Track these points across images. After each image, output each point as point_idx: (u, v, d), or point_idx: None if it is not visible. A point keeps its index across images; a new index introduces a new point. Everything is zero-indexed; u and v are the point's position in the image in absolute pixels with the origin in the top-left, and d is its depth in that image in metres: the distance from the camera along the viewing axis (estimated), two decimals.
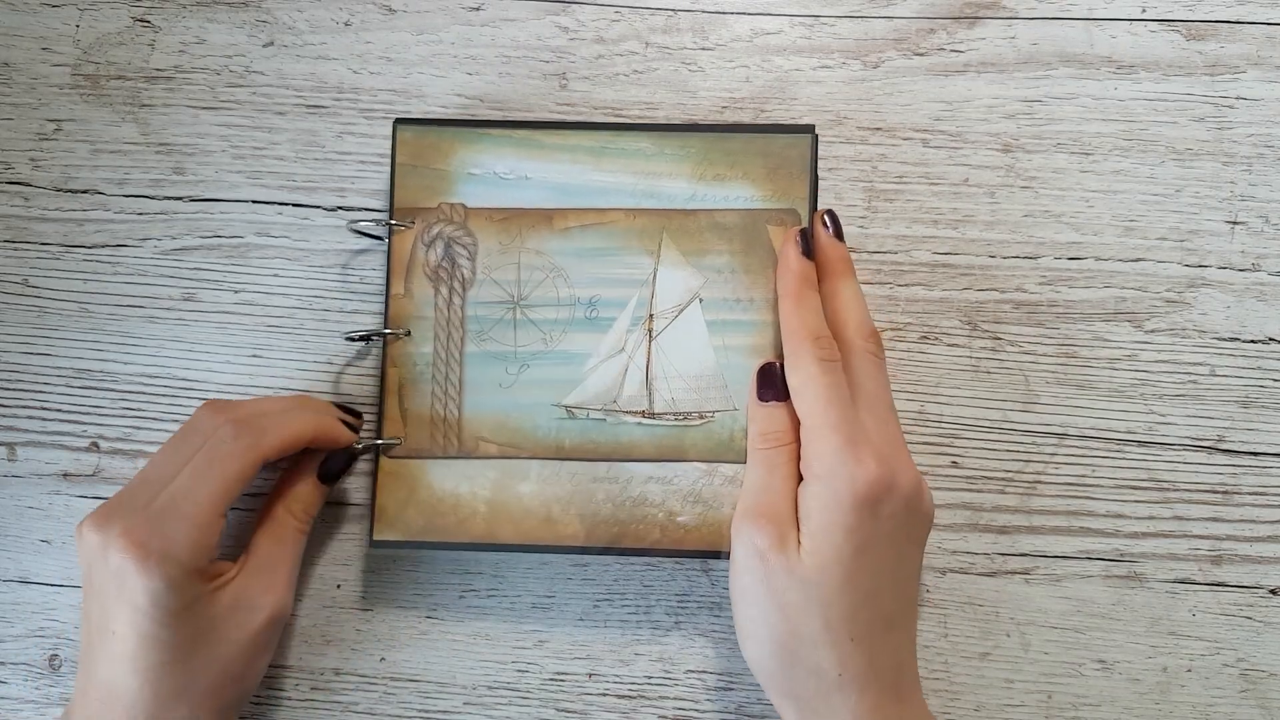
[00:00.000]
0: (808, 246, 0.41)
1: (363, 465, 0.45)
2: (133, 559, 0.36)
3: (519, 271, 0.43)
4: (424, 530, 0.42)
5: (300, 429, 0.41)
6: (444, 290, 0.43)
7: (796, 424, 0.39)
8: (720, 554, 0.41)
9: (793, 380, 0.39)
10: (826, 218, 0.41)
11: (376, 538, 0.42)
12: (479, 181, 0.43)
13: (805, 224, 0.42)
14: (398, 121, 0.44)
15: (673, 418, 0.42)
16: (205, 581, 0.38)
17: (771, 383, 0.40)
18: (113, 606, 0.37)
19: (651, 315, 0.42)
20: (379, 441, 0.42)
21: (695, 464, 0.41)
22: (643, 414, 0.42)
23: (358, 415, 0.44)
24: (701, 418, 0.42)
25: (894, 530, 0.37)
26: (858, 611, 0.36)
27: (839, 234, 0.41)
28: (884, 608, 0.37)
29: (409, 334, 0.43)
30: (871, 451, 0.37)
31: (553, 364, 0.42)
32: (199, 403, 0.46)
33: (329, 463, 0.42)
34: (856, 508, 0.36)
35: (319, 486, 0.43)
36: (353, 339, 0.43)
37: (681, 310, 0.42)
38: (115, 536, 0.37)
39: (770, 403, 0.40)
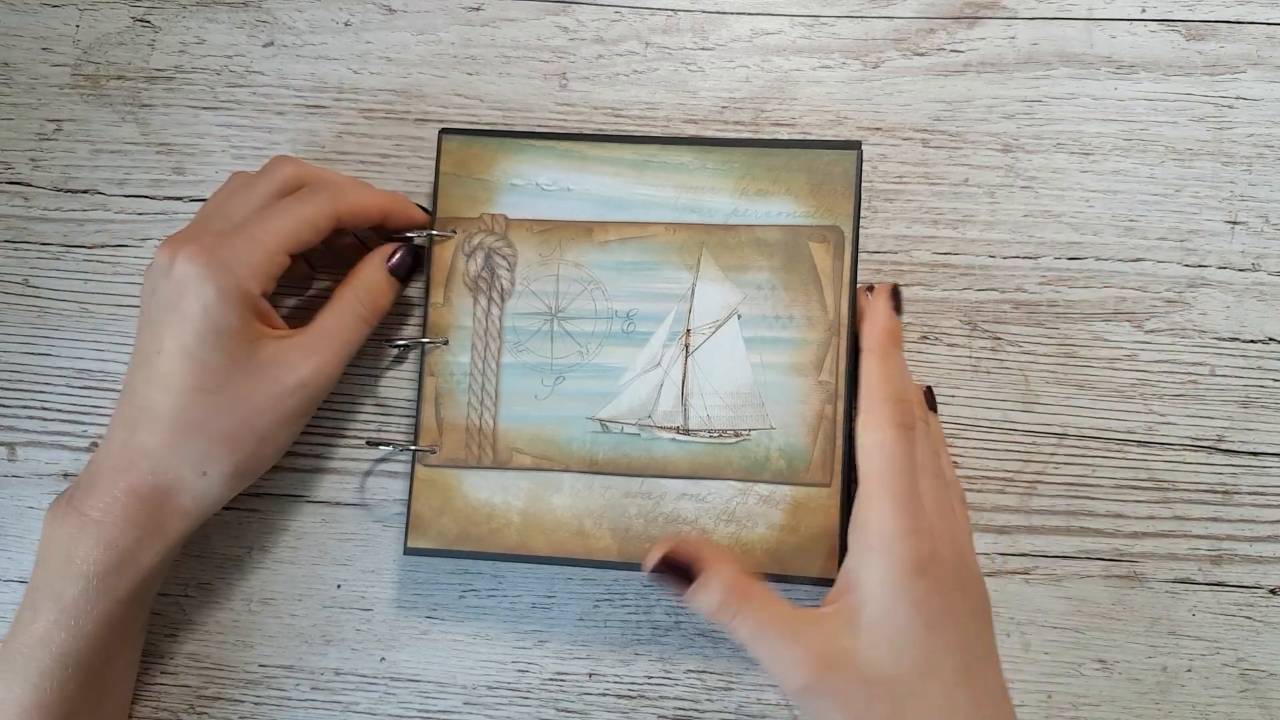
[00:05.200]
0: (899, 304, 0.40)
1: (366, 465, 0.45)
2: (197, 266, 0.38)
3: (557, 283, 0.43)
4: (458, 539, 0.42)
5: (378, 199, 0.42)
6: (483, 300, 0.43)
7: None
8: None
9: (864, 439, 0.37)
10: (893, 293, 0.40)
11: (410, 544, 0.42)
12: (521, 192, 0.43)
13: (849, 242, 0.41)
14: (443, 131, 0.44)
15: (707, 435, 0.42)
16: (257, 318, 0.39)
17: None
18: (164, 320, 0.38)
19: (689, 330, 0.42)
20: (415, 448, 0.43)
21: (730, 482, 0.41)
22: (677, 430, 0.42)
23: (428, 211, 0.44)
24: (737, 435, 0.41)
25: (958, 601, 0.35)
26: (955, 696, 0.34)
27: (899, 308, 0.40)
28: (980, 684, 0.35)
29: (446, 343, 0.43)
30: (928, 521, 0.36)
31: (588, 377, 0.42)
32: None
33: (398, 256, 0.43)
34: (920, 579, 0.34)
35: (389, 280, 0.43)
36: (395, 347, 0.44)
37: (719, 326, 0.42)
38: (184, 248, 0.38)
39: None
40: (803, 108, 0.46)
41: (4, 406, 0.47)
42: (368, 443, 0.44)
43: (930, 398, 0.42)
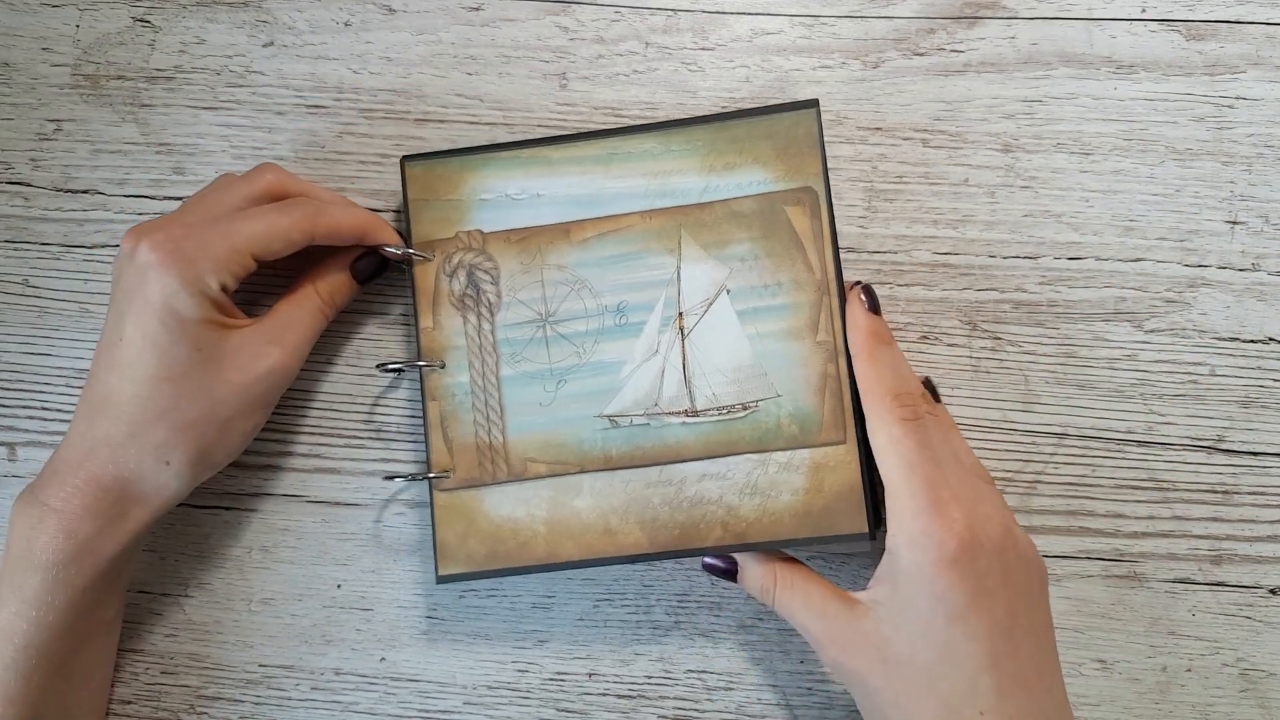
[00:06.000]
0: (874, 302, 0.40)
1: (366, 465, 0.45)
2: (159, 254, 0.38)
3: (544, 289, 0.43)
4: (487, 559, 0.42)
5: (355, 220, 0.42)
6: (472, 318, 0.43)
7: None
8: (780, 544, 0.40)
9: (875, 441, 0.38)
10: (864, 295, 0.40)
11: (442, 573, 0.42)
12: (492, 206, 0.43)
13: (823, 200, 0.41)
14: (405, 159, 0.44)
15: (716, 413, 0.41)
16: (219, 311, 0.40)
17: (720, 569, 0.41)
18: (127, 308, 0.39)
19: (681, 313, 0.42)
20: (430, 476, 0.42)
21: (747, 456, 0.41)
22: (685, 413, 0.42)
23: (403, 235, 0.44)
24: (745, 409, 0.41)
25: (995, 587, 0.35)
26: (977, 681, 0.35)
27: (876, 308, 0.40)
28: (1010, 670, 0.35)
29: (443, 365, 0.43)
30: (960, 510, 0.36)
31: (589, 375, 0.42)
32: None
33: (364, 260, 0.43)
34: (947, 571, 0.35)
35: (350, 279, 0.43)
36: (388, 370, 0.44)
37: (710, 304, 0.42)
38: (149, 237, 0.38)
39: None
40: None
41: (4, 406, 0.47)
42: (385, 477, 0.44)
43: (932, 390, 0.42)
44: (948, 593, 0.35)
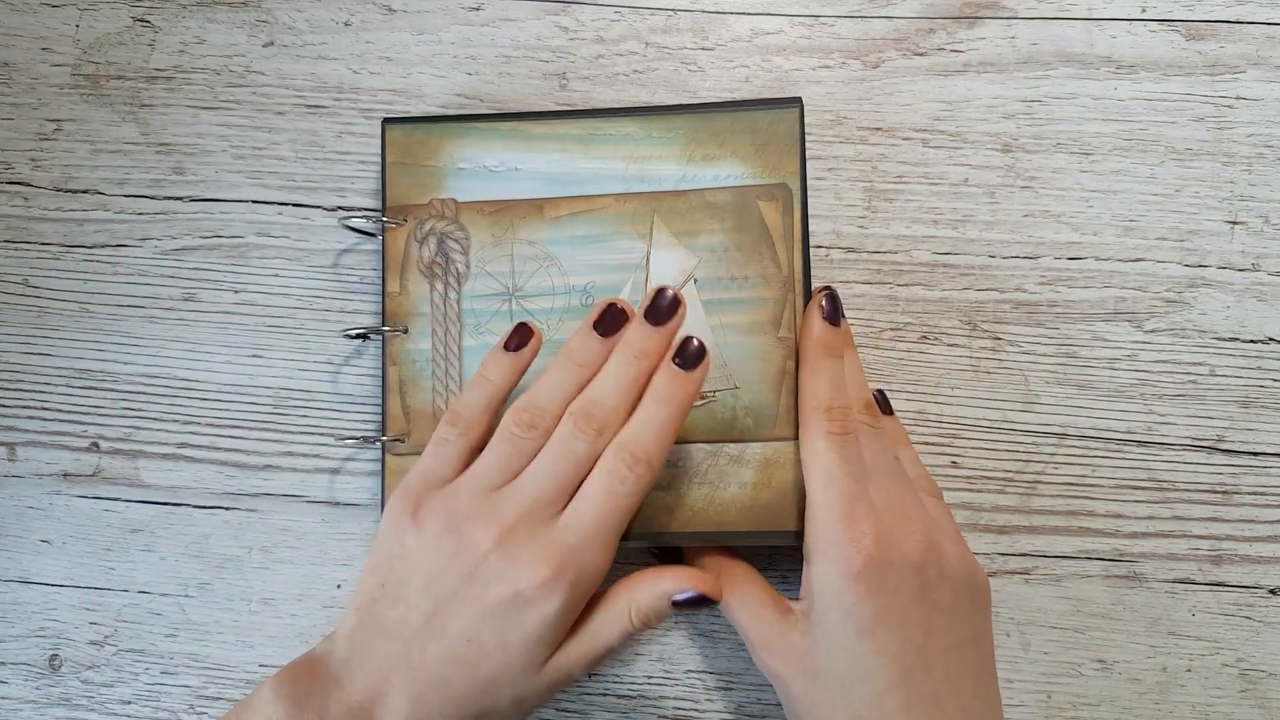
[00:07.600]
0: (834, 310, 0.40)
1: (366, 465, 0.45)
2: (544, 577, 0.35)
3: (513, 263, 0.43)
4: None
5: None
6: (439, 285, 0.43)
7: None
8: (724, 535, 0.40)
9: (801, 452, 0.39)
10: (825, 301, 0.40)
11: None
12: (469, 175, 0.43)
13: (797, 198, 0.41)
14: (386, 121, 0.44)
15: None
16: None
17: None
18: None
19: None
20: (383, 439, 0.42)
21: (699, 445, 0.41)
22: None
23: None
24: (702, 398, 0.41)
25: (907, 603, 0.35)
26: (885, 697, 0.35)
27: (835, 317, 0.40)
28: (921, 688, 0.35)
29: (406, 331, 0.43)
30: (871, 525, 0.36)
31: (551, 353, 0.42)
32: (199, 403, 0.46)
33: (690, 602, 0.37)
34: (853, 585, 0.35)
35: (669, 612, 0.38)
36: (351, 336, 0.43)
37: None
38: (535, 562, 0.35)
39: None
40: None
41: (4, 406, 0.47)
42: (336, 438, 0.44)
43: (883, 401, 0.42)
44: (855, 607, 0.35)
